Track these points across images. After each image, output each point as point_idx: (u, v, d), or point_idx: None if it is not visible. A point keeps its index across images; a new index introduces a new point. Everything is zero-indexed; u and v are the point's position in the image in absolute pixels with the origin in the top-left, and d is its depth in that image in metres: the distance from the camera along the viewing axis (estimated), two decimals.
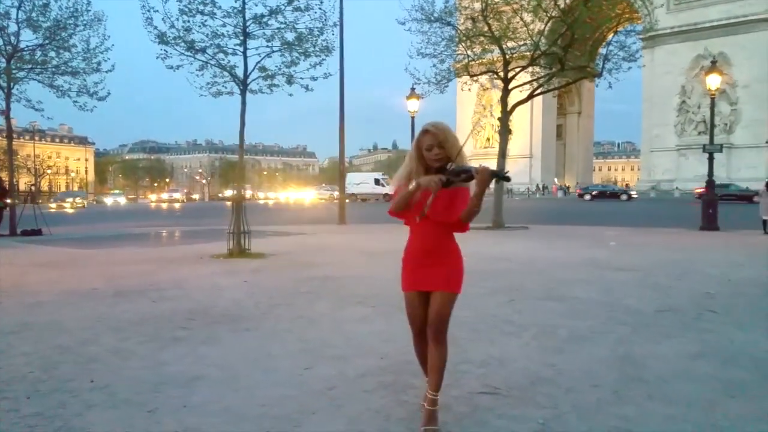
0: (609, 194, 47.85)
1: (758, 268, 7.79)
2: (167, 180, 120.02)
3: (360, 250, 10.47)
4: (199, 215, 28.63)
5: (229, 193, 63.44)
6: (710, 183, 15.06)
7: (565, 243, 11.52)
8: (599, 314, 4.91)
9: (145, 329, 4.50)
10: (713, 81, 15.28)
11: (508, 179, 2.55)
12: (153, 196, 74.45)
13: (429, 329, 2.54)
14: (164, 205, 51.71)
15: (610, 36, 16.96)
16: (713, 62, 15.67)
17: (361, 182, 52.68)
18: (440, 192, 2.38)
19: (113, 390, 3.14)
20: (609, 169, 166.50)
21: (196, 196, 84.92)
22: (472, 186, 2.40)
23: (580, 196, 50.06)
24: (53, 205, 25.91)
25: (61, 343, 4.10)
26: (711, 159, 15.34)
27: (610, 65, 15.44)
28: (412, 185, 2.39)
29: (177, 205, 51.40)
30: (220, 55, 10.13)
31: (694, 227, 15.00)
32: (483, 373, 3.43)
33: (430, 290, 2.53)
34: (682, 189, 51.80)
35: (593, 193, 48.60)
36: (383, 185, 51.44)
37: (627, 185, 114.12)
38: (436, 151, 2.42)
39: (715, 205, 14.77)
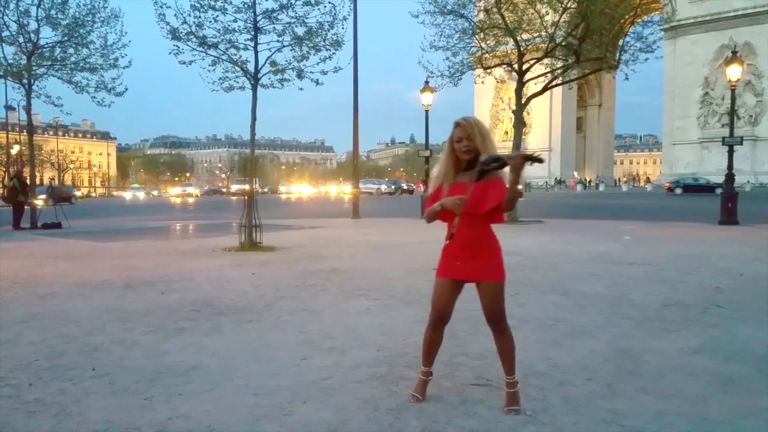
0: (702, 188, 41.87)
1: None
2: (188, 174, 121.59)
3: (370, 243, 10.51)
4: (215, 209, 28.94)
5: (235, 187, 58.99)
6: (729, 176, 14.74)
7: (579, 237, 11.40)
8: (603, 308, 4.87)
9: (150, 320, 4.59)
10: (734, 72, 14.92)
11: (541, 161, 2.59)
12: (172, 190, 72.46)
13: (489, 322, 2.70)
14: (178, 200, 49.86)
15: (630, 27, 16.68)
16: (734, 52, 15.31)
17: None
18: (475, 185, 2.51)
19: (113, 378, 3.22)
20: (631, 163, 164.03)
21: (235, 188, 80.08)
22: (505, 175, 2.52)
23: (670, 189, 44.54)
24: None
25: (68, 332, 4.21)
26: (731, 152, 15.02)
27: (626, 57, 15.18)
28: (437, 205, 2.56)
29: (190, 200, 49.31)
30: (232, 50, 10.21)
31: (714, 222, 14.72)
32: (478, 366, 3.44)
33: (472, 281, 2.65)
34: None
35: (684, 186, 43.59)
36: None
37: (648, 178, 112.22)
38: (465, 143, 2.54)
39: (735, 198, 14.47)
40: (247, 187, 10.68)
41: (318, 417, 2.67)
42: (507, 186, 2.51)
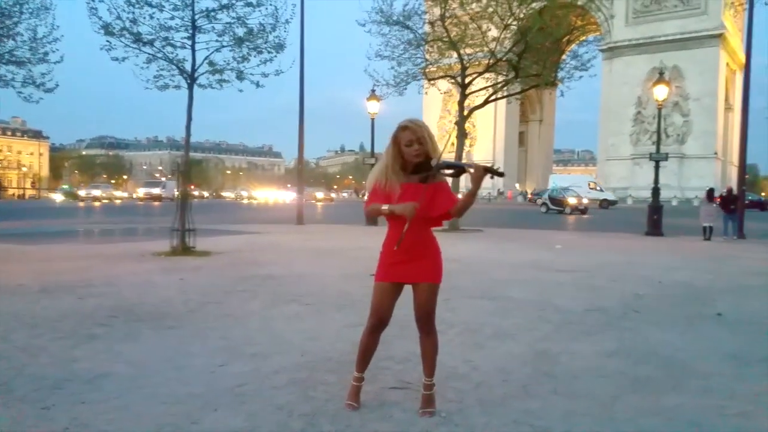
0: (755, 204, 34.36)
1: (690, 271, 8.08)
2: (125, 177, 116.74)
3: (309, 249, 10.39)
4: (149, 213, 27.88)
5: (142, 191, 48.60)
6: (655, 190, 15.58)
7: (514, 245, 11.71)
8: (528, 313, 4.99)
9: (62, 326, 4.32)
10: (660, 92, 15.85)
11: (502, 175, 2.62)
12: (83, 192, 53.07)
13: (418, 322, 2.67)
14: (81, 204, 39.18)
15: (570, 47, 17.43)
16: (660, 74, 16.30)
17: (570, 186, 38.63)
18: (423, 187, 2.49)
19: (10, 387, 3.00)
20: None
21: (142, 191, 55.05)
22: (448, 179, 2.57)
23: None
24: None
25: None
26: (657, 167, 15.90)
27: (562, 74, 15.81)
28: (385, 208, 2.48)
29: (96, 204, 39.01)
30: (168, 49, 9.88)
31: (641, 233, 15.49)
32: (401, 369, 3.43)
33: (412, 282, 2.62)
34: (636, 197, 53.52)
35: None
36: (600, 189, 44.23)
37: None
38: (416, 147, 2.49)
39: (660, 211, 15.29)
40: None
41: (227, 425, 2.57)
42: (453, 193, 2.57)
